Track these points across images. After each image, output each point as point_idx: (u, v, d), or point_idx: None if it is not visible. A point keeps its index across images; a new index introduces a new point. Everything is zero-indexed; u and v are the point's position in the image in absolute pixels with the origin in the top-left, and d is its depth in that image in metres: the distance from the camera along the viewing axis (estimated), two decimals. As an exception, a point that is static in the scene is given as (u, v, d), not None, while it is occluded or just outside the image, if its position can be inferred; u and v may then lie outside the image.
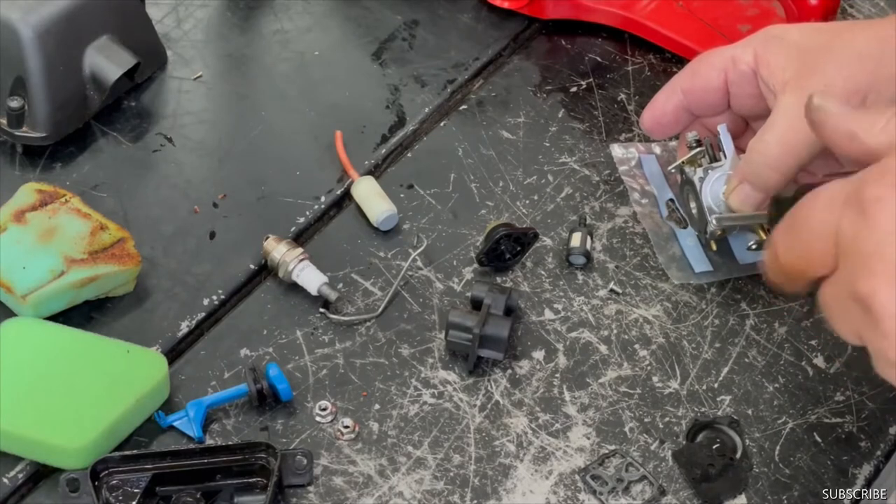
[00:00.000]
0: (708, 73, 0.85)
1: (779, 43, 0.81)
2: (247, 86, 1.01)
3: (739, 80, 0.83)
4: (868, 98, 0.77)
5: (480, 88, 1.02)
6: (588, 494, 0.78)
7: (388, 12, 1.06)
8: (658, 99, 0.87)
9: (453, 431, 0.81)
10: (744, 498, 0.78)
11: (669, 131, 0.88)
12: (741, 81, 0.83)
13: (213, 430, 0.79)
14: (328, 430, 0.80)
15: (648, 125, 0.88)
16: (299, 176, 0.94)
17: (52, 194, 0.86)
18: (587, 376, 0.84)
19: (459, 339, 0.82)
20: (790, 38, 0.82)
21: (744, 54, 0.82)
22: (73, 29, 0.91)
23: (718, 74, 0.84)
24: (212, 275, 0.87)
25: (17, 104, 0.90)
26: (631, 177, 0.95)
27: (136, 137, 0.96)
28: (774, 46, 0.81)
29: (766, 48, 0.81)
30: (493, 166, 0.95)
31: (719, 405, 0.83)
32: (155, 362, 0.80)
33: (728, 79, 0.84)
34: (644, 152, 0.96)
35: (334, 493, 0.77)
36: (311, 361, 0.83)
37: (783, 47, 0.81)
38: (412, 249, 0.89)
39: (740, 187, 0.81)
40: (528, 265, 0.89)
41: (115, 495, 0.74)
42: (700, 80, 0.85)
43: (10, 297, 0.82)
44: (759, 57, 0.81)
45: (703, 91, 0.85)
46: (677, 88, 0.86)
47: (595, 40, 1.06)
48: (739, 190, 0.82)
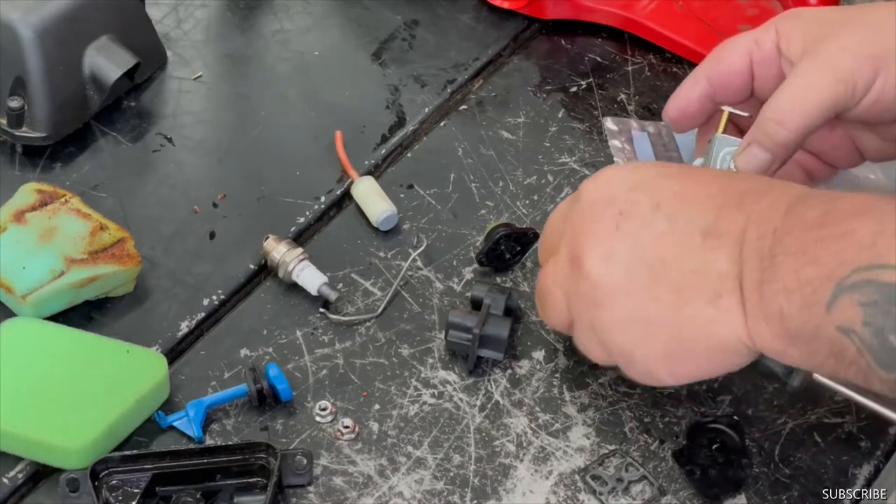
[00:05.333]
0: (732, 57, 0.84)
1: (798, 18, 0.82)
2: (247, 86, 1.01)
3: (764, 61, 0.83)
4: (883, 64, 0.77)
5: (480, 88, 1.02)
6: (588, 494, 0.78)
7: (388, 12, 1.06)
8: (682, 89, 0.86)
9: (453, 431, 0.81)
10: (744, 498, 0.78)
11: (695, 122, 0.87)
12: (766, 62, 0.83)
13: (213, 430, 0.79)
14: (328, 430, 0.80)
15: (674, 115, 0.87)
16: (299, 176, 0.94)
17: (51, 194, 0.86)
18: (587, 376, 0.84)
19: (459, 340, 0.82)
20: (809, 14, 0.83)
21: (766, 33, 0.82)
22: (73, 29, 0.91)
23: (743, 57, 0.83)
24: (212, 275, 0.87)
25: (17, 104, 0.90)
26: (620, 152, 0.94)
27: (136, 137, 0.96)
28: (795, 21, 0.82)
29: (787, 25, 0.82)
30: (493, 166, 0.96)
31: (719, 405, 0.83)
32: (155, 362, 0.80)
33: (753, 60, 0.83)
34: (637, 129, 0.96)
35: (334, 493, 0.77)
36: (310, 361, 0.83)
37: (802, 21, 0.82)
38: (412, 249, 0.89)
39: (748, 149, 0.81)
40: (528, 265, 0.89)
41: (114, 495, 0.74)
42: (724, 64, 0.84)
43: (10, 297, 0.82)
44: (781, 33, 0.82)
45: (728, 75, 0.84)
46: (701, 77, 0.85)
47: (595, 40, 1.06)
48: (747, 151, 0.81)
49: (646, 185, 0.73)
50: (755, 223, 0.68)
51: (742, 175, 0.77)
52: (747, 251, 0.68)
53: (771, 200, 0.68)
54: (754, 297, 0.67)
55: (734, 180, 0.72)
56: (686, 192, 0.72)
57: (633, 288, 0.71)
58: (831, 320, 0.64)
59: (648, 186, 0.73)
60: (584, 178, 0.95)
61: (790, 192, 0.69)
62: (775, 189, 0.70)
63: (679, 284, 0.70)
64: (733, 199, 0.70)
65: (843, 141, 0.85)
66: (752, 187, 0.71)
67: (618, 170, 0.75)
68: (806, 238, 0.65)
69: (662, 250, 0.70)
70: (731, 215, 0.69)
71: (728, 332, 0.69)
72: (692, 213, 0.70)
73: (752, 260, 0.67)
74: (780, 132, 0.79)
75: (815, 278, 0.64)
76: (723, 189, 0.71)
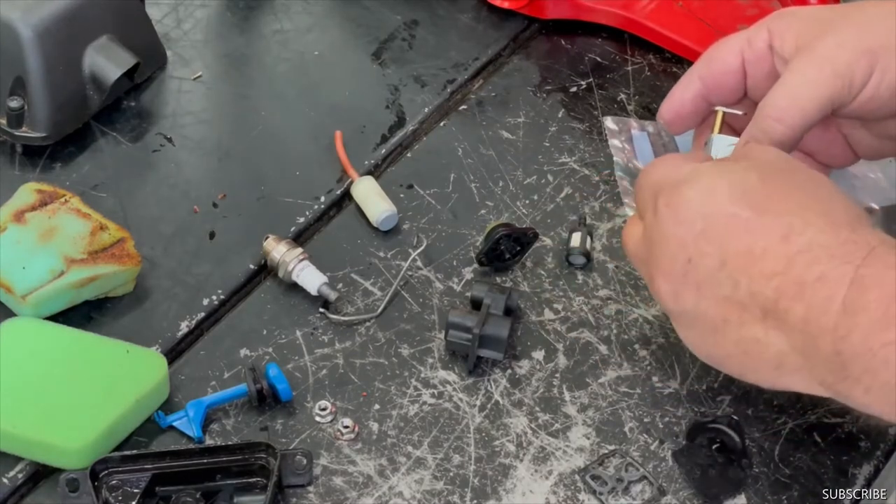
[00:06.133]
0: (724, 56, 0.84)
1: (792, 17, 0.82)
2: (247, 86, 1.01)
3: (756, 60, 0.83)
4: (879, 59, 0.77)
5: (480, 88, 1.02)
6: (588, 494, 0.78)
7: (388, 12, 1.06)
8: (676, 90, 0.86)
9: (453, 431, 0.80)
10: (744, 498, 0.78)
11: (689, 123, 0.87)
12: (758, 61, 0.83)
13: (213, 430, 0.79)
14: (328, 430, 0.80)
15: (668, 117, 0.87)
16: (299, 176, 0.94)
17: (51, 194, 0.86)
18: (587, 376, 0.84)
19: (459, 339, 0.82)
20: (804, 12, 0.83)
21: (758, 32, 0.83)
22: (73, 29, 0.91)
23: (735, 57, 0.84)
24: (212, 275, 0.87)
25: (17, 104, 0.90)
26: (620, 151, 0.94)
27: (136, 137, 0.96)
28: (788, 20, 0.82)
29: (780, 23, 0.82)
30: (492, 166, 0.96)
31: (719, 405, 0.83)
32: (155, 362, 0.80)
33: (745, 59, 0.83)
34: (637, 129, 0.96)
35: (334, 493, 0.77)
36: (310, 361, 0.83)
37: (796, 19, 0.82)
38: (412, 249, 0.89)
39: (745, 146, 0.81)
40: (528, 265, 0.89)
41: (114, 495, 0.74)
42: (717, 64, 0.85)
43: (10, 297, 0.82)
44: (773, 31, 0.82)
45: (721, 75, 0.84)
46: (694, 77, 0.85)
47: (595, 40, 1.06)
48: None
49: (715, 229, 0.71)
50: (814, 320, 0.67)
51: (803, 227, 0.70)
52: (809, 348, 0.68)
53: (828, 291, 0.67)
54: (827, 384, 0.69)
55: (797, 240, 0.69)
56: (753, 249, 0.70)
57: (699, 329, 0.74)
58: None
59: (717, 233, 0.71)
60: (584, 177, 0.95)
61: (844, 278, 0.67)
62: (832, 267, 0.67)
63: (742, 345, 0.71)
64: (794, 277, 0.68)
65: (837, 139, 0.85)
66: (810, 258, 0.68)
67: (694, 190, 0.73)
68: (872, 341, 0.65)
69: (726, 312, 0.71)
70: (789, 300, 0.68)
71: (795, 384, 0.71)
72: (755, 285, 0.70)
73: (819, 364, 0.68)
74: (779, 129, 0.78)
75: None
76: (788, 258, 0.69)
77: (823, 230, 0.69)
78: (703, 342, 0.74)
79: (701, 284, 0.72)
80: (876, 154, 0.86)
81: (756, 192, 0.71)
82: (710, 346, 0.74)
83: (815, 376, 0.69)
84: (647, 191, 0.76)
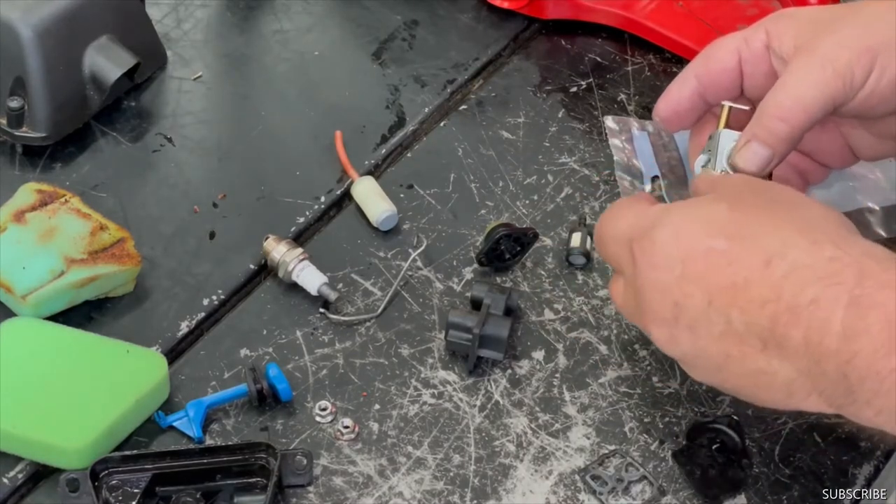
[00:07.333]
0: (721, 55, 0.84)
1: (790, 18, 0.82)
2: (247, 86, 1.01)
3: (753, 59, 0.83)
4: (879, 56, 0.77)
5: (480, 88, 1.02)
6: (588, 494, 0.78)
7: (388, 12, 1.06)
8: (672, 88, 0.86)
9: (453, 431, 0.80)
10: (744, 498, 0.78)
11: (685, 121, 0.87)
12: (754, 60, 0.83)
13: (213, 430, 0.79)
14: (328, 430, 0.80)
15: (665, 115, 0.86)
16: (299, 176, 0.94)
17: (51, 194, 0.86)
18: (587, 376, 0.84)
19: (459, 339, 0.82)
20: (802, 13, 0.83)
21: (756, 33, 0.83)
22: (73, 29, 0.91)
23: (732, 55, 0.83)
24: (212, 275, 0.87)
25: (17, 104, 0.90)
26: (621, 151, 0.94)
27: (136, 137, 0.96)
28: (786, 21, 0.82)
29: (778, 24, 0.82)
30: (492, 166, 0.96)
31: (719, 405, 0.83)
32: (155, 362, 0.80)
33: (742, 58, 0.83)
34: (637, 128, 0.96)
35: (334, 494, 0.77)
36: (310, 361, 0.83)
37: (795, 20, 0.82)
38: (412, 249, 0.89)
39: (748, 146, 0.80)
40: (528, 265, 0.89)
41: (114, 495, 0.74)
42: (714, 62, 0.84)
43: (10, 297, 0.82)
44: (771, 32, 0.82)
45: (718, 73, 0.84)
46: (690, 75, 0.85)
47: (595, 40, 1.06)
48: (747, 148, 0.80)
49: (695, 268, 0.70)
50: (815, 344, 0.66)
51: (784, 249, 0.69)
52: (815, 371, 0.67)
53: (824, 314, 0.66)
54: (837, 405, 0.68)
55: (780, 264, 0.68)
56: (736, 281, 0.69)
57: (703, 368, 0.73)
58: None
59: (697, 271, 0.70)
60: (584, 177, 0.95)
61: (839, 300, 0.66)
62: (822, 289, 0.66)
63: (750, 378, 0.71)
64: (786, 303, 0.67)
65: (836, 139, 0.85)
66: (798, 281, 0.67)
67: (667, 232, 0.72)
68: (880, 366, 0.64)
69: (726, 348, 0.70)
70: (785, 327, 0.67)
71: (811, 407, 0.70)
72: (746, 316, 0.69)
73: (829, 387, 0.67)
74: (782, 127, 0.78)
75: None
76: (775, 284, 0.68)
77: (807, 249, 0.68)
78: (712, 379, 0.73)
79: (693, 325, 0.71)
80: (876, 154, 0.86)
81: (728, 222, 0.71)
82: (719, 382, 0.73)
83: (825, 399, 0.68)
84: (619, 243, 0.75)
